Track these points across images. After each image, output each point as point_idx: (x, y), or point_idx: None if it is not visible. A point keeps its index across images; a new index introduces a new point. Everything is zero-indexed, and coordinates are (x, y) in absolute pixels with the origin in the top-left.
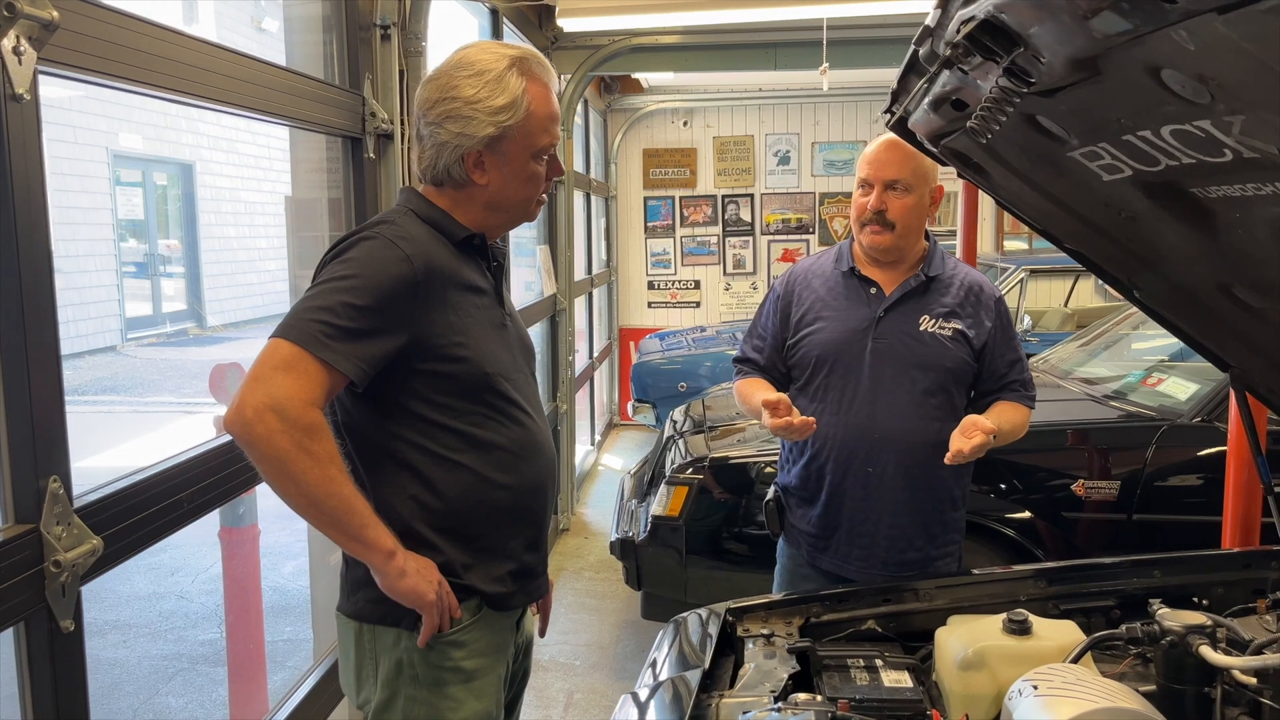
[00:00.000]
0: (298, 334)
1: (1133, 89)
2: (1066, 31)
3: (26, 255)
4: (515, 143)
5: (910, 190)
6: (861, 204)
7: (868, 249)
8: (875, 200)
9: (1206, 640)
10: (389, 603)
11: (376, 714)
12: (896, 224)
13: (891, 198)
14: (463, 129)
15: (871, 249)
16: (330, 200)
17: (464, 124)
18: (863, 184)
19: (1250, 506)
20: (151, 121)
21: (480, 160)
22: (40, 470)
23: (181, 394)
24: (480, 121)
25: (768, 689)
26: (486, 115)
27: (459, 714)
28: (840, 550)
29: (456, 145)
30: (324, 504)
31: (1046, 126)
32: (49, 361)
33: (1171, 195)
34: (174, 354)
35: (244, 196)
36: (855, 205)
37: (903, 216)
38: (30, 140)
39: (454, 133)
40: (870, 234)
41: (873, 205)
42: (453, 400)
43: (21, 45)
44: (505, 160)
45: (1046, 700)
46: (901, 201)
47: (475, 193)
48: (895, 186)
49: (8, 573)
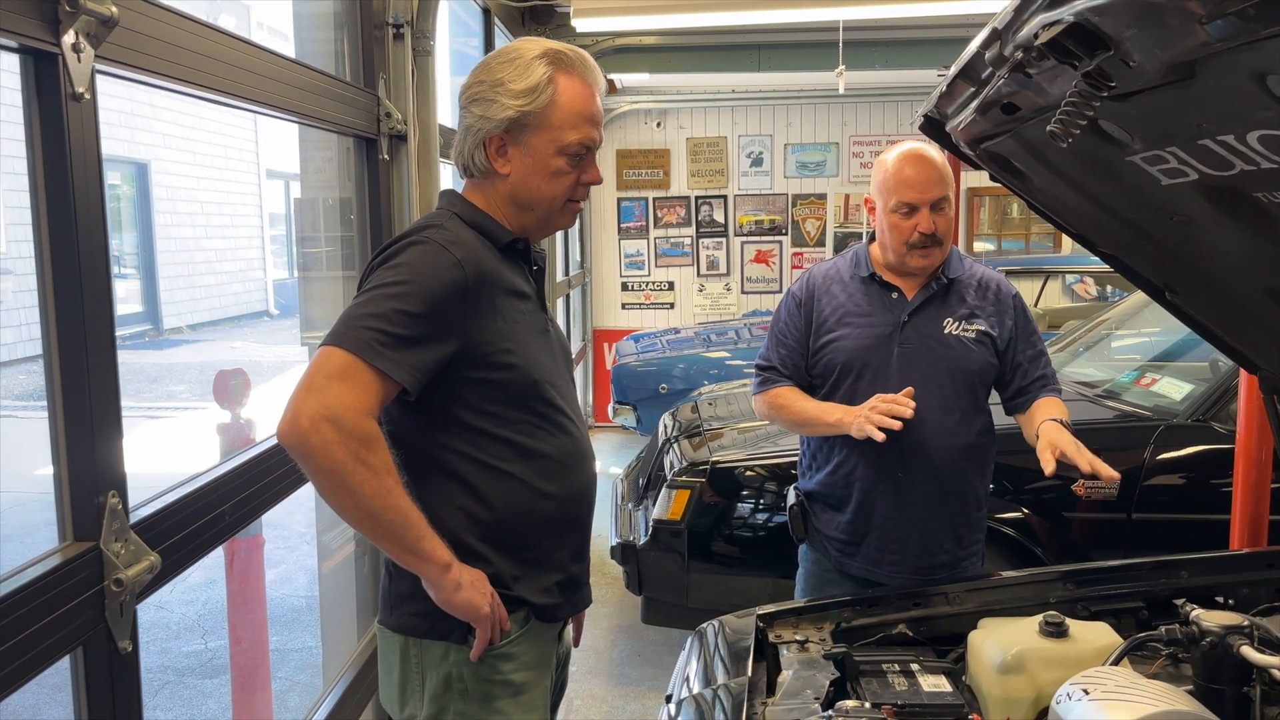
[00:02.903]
0: (351, 342)
1: (1229, 94)
2: (1171, 35)
3: (87, 258)
4: (538, 132)
5: (949, 204)
6: (906, 227)
7: (919, 270)
8: (927, 223)
9: (1246, 640)
10: (437, 616)
11: None
12: (944, 239)
13: (938, 217)
14: (484, 111)
15: (923, 270)
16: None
17: (486, 106)
18: (904, 208)
19: (1259, 506)
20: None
21: (503, 147)
22: (100, 485)
23: (143, 399)
24: (500, 104)
25: (811, 696)
26: (507, 98)
27: None
28: (871, 555)
29: (479, 129)
30: (381, 516)
31: (1108, 130)
32: (107, 367)
33: (1234, 200)
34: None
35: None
36: (896, 228)
37: (947, 232)
38: (89, 139)
39: (477, 115)
40: (920, 256)
41: (924, 228)
42: (501, 408)
43: (81, 43)
44: (528, 151)
45: (1102, 704)
46: (946, 218)
47: (499, 184)
48: (939, 205)
49: (69, 594)
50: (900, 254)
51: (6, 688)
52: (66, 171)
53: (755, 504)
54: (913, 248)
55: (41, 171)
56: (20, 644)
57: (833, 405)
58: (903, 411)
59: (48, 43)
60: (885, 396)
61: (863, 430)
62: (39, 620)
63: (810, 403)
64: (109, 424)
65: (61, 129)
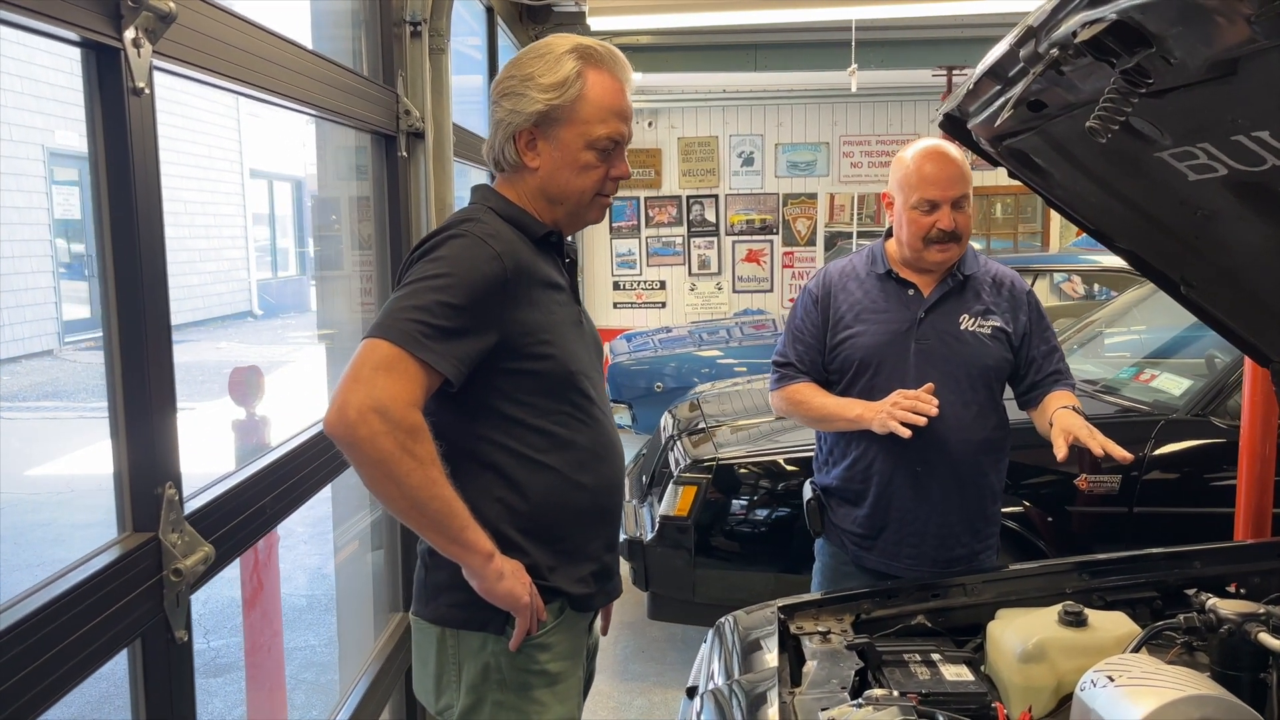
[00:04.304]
0: (396, 334)
1: (1269, 90)
2: (1218, 32)
3: (146, 251)
4: (567, 126)
5: (969, 201)
6: (926, 223)
7: (937, 265)
8: (948, 220)
9: (1263, 627)
10: (475, 606)
11: (462, 718)
12: (963, 236)
13: (958, 214)
14: (514, 105)
15: (941, 265)
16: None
17: (516, 100)
18: (926, 204)
19: (1263, 498)
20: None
21: (532, 140)
22: (157, 476)
23: None
24: (530, 98)
25: (837, 685)
26: (537, 92)
27: (545, 717)
28: (889, 549)
29: (509, 123)
30: (426, 506)
31: (1138, 127)
32: (164, 362)
33: (1260, 195)
34: None
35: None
36: (916, 224)
37: (967, 228)
38: (148, 133)
39: (508, 109)
40: (939, 251)
41: (945, 225)
42: (538, 399)
43: (140, 38)
44: (557, 144)
45: (1128, 690)
46: (966, 215)
47: (528, 177)
48: (960, 203)
49: (130, 584)
50: (917, 250)
51: (73, 679)
52: (129, 165)
53: (760, 499)
54: (930, 243)
55: (103, 164)
56: (86, 634)
57: (852, 401)
58: (927, 409)
59: (110, 37)
60: (907, 393)
61: (885, 426)
62: (103, 611)
63: (829, 398)
64: (166, 416)
65: (124, 122)
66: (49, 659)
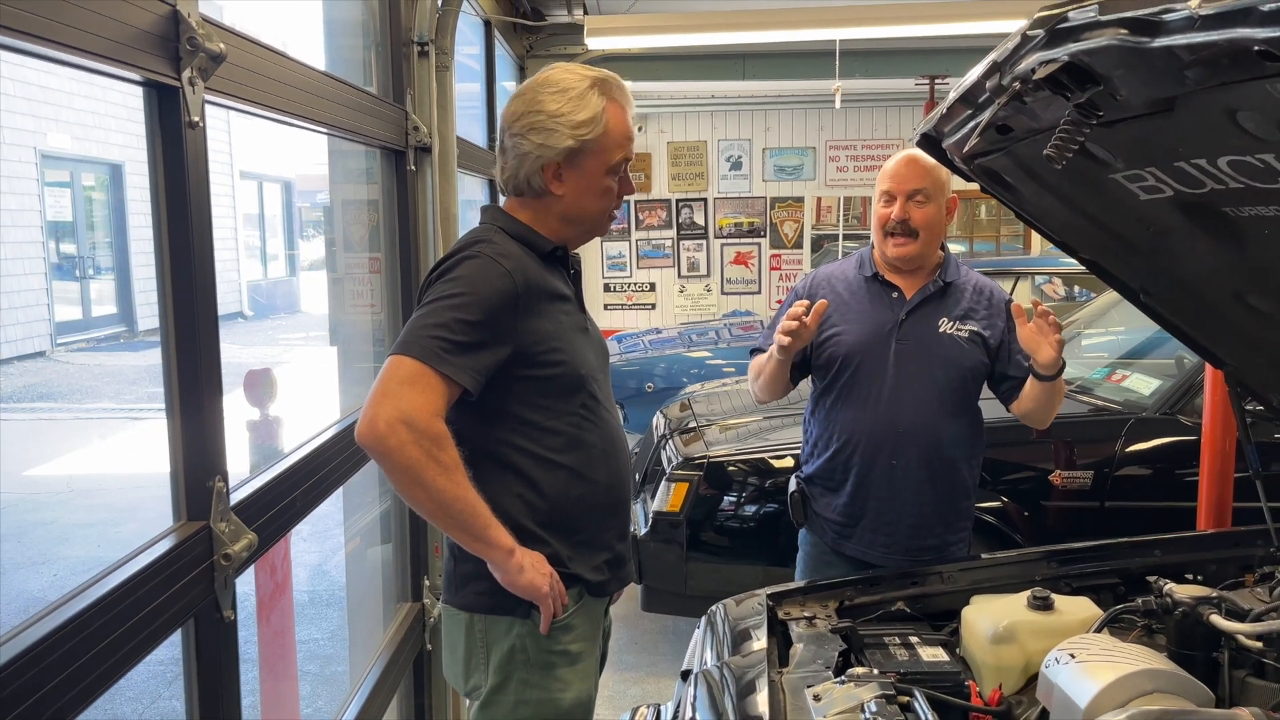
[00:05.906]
0: (419, 350)
1: (1203, 125)
2: (1156, 76)
3: (199, 267)
4: (592, 157)
5: (930, 200)
6: (884, 214)
7: (893, 260)
8: (899, 210)
9: (1215, 609)
10: (502, 594)
11: (489, 696)
12: (920, 232)
13: (913, 207)
14: (545, 140)
15: (897, 259)
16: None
17: (546, 135)
18: (885, 196)
19: (1223, 491)
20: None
21: (559, 172)
22: (209, 470)
23: (123, 400)
24: (562, 134)
25: (821, 665)
26: (568, 129)
27: (567, 694)
28: (865, 537)
29: (539, 156)
30: (452, 508)
31: (1094, 151)
32: (213, 366)
33: (1205, 214)
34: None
35: None
36: (878, 216)
37: (925, 224)
38: (200, 160)
39: (536, 144)
40: (895, 245)
41: (896, 215)
42: (551, 403)
43: (195, 77)
44: (582, 174)
45: (1087, 666)
46: (923, 210)
47: (551, 203)
48: (916, 197)
49: (186, 568)
50: (880, 243)
51: (140, 653)
52: (185, 188)
53: (749, 495)
54: (888, 234)
55: (163, 188)
56: (147, 615)
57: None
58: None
59: (170, 77)
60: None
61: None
62: (165, 591)
63: (763, 357)
64: (215, 415)
65: (181, 153)
66: (121, 634)
